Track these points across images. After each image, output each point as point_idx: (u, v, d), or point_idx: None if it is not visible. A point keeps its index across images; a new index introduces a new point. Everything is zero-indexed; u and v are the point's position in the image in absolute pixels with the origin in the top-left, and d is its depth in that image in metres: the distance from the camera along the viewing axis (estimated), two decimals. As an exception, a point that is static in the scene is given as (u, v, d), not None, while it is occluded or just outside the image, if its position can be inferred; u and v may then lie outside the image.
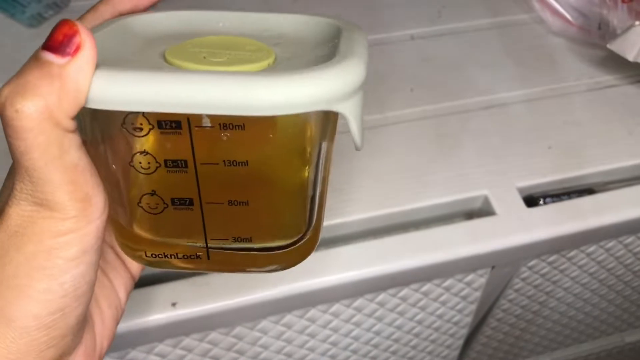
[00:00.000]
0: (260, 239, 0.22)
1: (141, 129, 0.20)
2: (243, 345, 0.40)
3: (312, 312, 0.40)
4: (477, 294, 0.44)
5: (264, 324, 0.39)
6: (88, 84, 0.17)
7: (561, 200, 0.41)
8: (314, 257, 0.36)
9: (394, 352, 0.49)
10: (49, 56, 0.17)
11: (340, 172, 0.41)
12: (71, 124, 0.17)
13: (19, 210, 0.18)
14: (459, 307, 0.45)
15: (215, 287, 0.34)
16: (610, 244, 0.45)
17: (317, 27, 0.24)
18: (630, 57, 0.45)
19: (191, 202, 0.21)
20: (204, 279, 0.35)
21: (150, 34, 0.23)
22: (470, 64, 0.49)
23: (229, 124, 0.19)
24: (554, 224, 0.38)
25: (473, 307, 0.46)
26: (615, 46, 0.46)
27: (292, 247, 0.22)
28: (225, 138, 0.20)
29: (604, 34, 0.49)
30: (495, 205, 0.39)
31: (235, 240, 0.22)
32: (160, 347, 0.38)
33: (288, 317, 0.39)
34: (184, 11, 0.24)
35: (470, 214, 0.42)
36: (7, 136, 0.17)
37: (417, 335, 0.47)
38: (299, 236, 0.23)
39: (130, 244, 0.23)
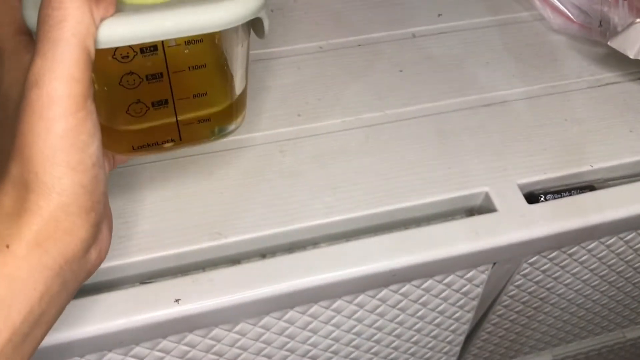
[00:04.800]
0: (213, 115, 0.31)
1: (128, 57, 0.26)
2: (246, 341, 0.41)
3: (315, 308, 0.40)
4: (479, 290, 0.44)
5: (267, 320, 0.39)
6: None
7: (562, 196, 0.41)
8: (316, 254, 0.36)
9: (395, 348, 0.49)
10: None
11: (340, 170, 0.41)
12: (99, 19, 0.23)
13: (37, 91, 0.22)
14: (460, 303, 0.45)
15: (218, 284, 0.35)
16: (611, 241, 0.45)
17: None
18: (632, 54, 0.45)
19: (166, 102, 0.29)
20: (207, 276, 0.35)
21: None
22: (471, 61, 0.49)
23: (192, 40, 0.27)
24: (555, 221, 0.39)
25: (474, 303, 0.46)
26: (616, 43, 0.46)
27: (227, 111, 0.32)
28: (187, 51, 0.27)
29: (605, 31, 0.49)
30: (496, 202, 0.39)
31: (200, 121, 0.31)
32: (164, 343, 0.38)
33: (290, 314, 0.39)
34: None
35: (471, 211, 0.42)
36: (46, 8, 0.21)
37: (418, 331, 0.47)
38: (231, 101, 0.32)
39: (116, 145, 0.30)
